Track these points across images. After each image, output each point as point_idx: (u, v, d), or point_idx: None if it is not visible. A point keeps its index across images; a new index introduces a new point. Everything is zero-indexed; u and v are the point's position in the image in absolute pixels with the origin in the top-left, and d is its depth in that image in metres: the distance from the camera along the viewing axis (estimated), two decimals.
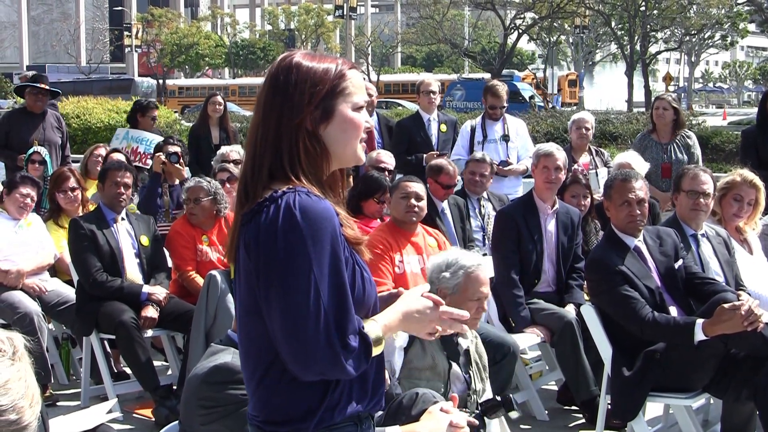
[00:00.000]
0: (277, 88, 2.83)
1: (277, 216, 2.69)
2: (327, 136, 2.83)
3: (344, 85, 2.85)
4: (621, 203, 5.86)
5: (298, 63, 2.84)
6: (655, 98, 10.15)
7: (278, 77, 2.84)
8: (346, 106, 2.84)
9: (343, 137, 2.85)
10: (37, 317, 7.19)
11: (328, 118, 2.82)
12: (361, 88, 2.90)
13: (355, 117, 2.86)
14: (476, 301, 4.93)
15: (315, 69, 2.83)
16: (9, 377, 2.22)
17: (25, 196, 7.67)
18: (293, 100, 2.79)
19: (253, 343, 2.82)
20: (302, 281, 2.66)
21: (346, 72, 2.87)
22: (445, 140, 10.10)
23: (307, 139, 2.79)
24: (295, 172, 2.78)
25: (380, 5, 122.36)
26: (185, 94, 72.73)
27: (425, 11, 64.65)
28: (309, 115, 2.79)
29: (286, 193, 2.72)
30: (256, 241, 2.72)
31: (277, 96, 2.81)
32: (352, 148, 2.88)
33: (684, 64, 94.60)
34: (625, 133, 26.34)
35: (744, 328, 5.09)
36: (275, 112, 2.81)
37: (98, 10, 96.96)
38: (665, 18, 57.77)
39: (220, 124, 11.40)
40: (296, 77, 2.81)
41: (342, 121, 2.84)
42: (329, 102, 2.82)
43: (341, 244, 2.75)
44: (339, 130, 2.84)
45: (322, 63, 2.85)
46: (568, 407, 7.11)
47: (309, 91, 2.80)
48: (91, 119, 27.95)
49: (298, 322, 2.65)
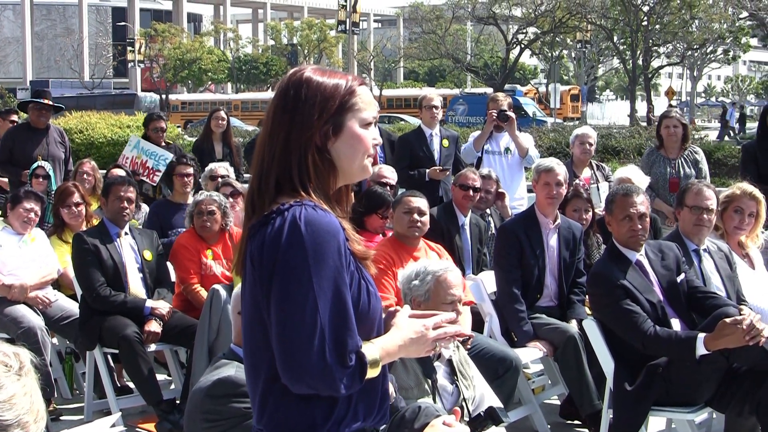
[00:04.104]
0: (287, 103, 2.84)
1: (282, 229, 2.70)
2: (335, 152, 2.84)
3: (354, 101, 2.86)
4: (622, 218, 5.87)
5: (308, 78, 2.85)
6: (661, 115, 10.14)
7: (288, 92, 2.85)
8: (355, 123, 2.86)
9: (350, 153, 2.87)
10: (40, 332, 7.20)
11: (337, 133, 2.84)
12: (370, 104, 2.91)
13: (364, 134, 2.88)
14: (449, 304, 4.97)
15: (325, 85, 2.84)
16: (15, 392, 2.23)
17: (29, 210, 7.68)
18: (303, 116, 2.81)
19: (256, 355, 2.83)
20: (301, 294, 2.67)
21: (356, 88, 2.88)
22: (447, 155, 10.11)
23: (316, 154, 2.81)
24: (303, 186, 2.79)
25: (382, 20, 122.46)
26: (188, 109, 72.73)
27: (427, 26, 64.70)
28: (318, 131, 2.81)
29: (292, 207, 2.73)
30: (261, 252, 2.73)
31: (287, 111, 2.83)
32: (360, 164, 2.90)
33: (686, 79, 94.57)
34: (628, 147, 26.31)
35: (746, 342, 5.10)
36: (284, 126, 2.82)
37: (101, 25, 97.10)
38: (667, 32, 57.76)
39: (224, 138, 11.43)
40: (306, 92, 2.83)
41: (350, 137, 2.85)
42: (339, 118, 2.84)
43: (346, 258, 2.76)
44: (347, 146, 2.85)
45: (332, 78, 2.87)
46: (570, 421, 7.12)
47: (319, 106, 2.81)
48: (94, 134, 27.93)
49: (292, 334, 2.66)
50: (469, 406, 4.99)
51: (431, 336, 2.93)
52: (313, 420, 2.78)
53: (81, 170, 9.53)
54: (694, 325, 5.73)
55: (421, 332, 2.92)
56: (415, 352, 2.97)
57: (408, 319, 2.95)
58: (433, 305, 4.96)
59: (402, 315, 2.97)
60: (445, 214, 8.00)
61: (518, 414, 6.64)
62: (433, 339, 2.94)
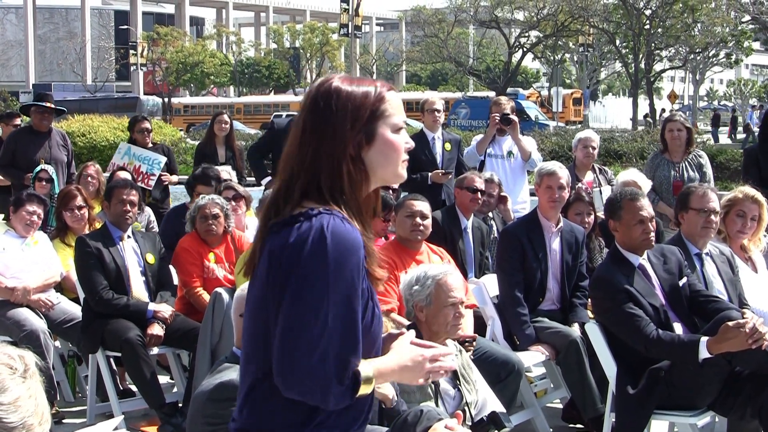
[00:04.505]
0: (317, 114, 2.83)
1: (308, 234, 2.71)
2: (369, 160, 2.85)
3: (384, 107, 2.87)
4: (635, 222, 5.85)
5: (337, 88, 2.85)
6: (665, 119, 10.13)
7: (318, 103, 2.84)
8: (387, 129, 2.86)
9: (384, 160, 2.87)
10: (43, 335, 7.20)
11: (369, 141, 2.84)
12: (399, 109, 2.91)
13: (396, 139, 2.88)
14: (451, 306, 4.98)
15: (355, 94, 2.84)
16: (19, 394, 2.23)
17: (32, 213, 7.68)
18: (335, 127, 2.81)
19: (252, 350, 2.84)
20: (315, 302, 2.68)
21: (385, 94, 2.88)
22: (450, 159, 10.10)
23: (350, 164, 2.81)
24: (333, 197, 2.79)
25: (385, 24, 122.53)
26: (190, 113, 72.83)
27: (430, 30, 64.74)
28: (352, 141, 2.81)
29: (321, 214, 2.74)
30: (282, 251, 2.74)
31: (318, 122, 2.82)
32: (394, 169, 2.90)
33: (689, 82, 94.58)
34: (630, 151, 26.31)
35: (748, 346, 5.10)
36: (316, 137, 2.82)
37: (104, 28, 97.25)
38: (670, 36, 57.76)
39: (226, 142, 11.43)
40: (336, 103, 2.82)
41: (383, 143, 2.86)
42: (370, 126, 2.84)
43: (362, 277, 2.77)
44: (380, 153, 2.86)
45: (361, 86, 2.87)
46: (572, 425, 7.12)
47: (351, 117, 2.81)
48: (96, 137, 27.97)
49: (297, 340, 2.68)
50: (472, 410, 4.99)
51: (427, 367, 2.94)
52: (294, 421, 2.79)
53: (85, 173, 9.53)
54: (696, 329, 5.72)
55: (418, 361, 2.93)
56: (408, 378, 2.97)
57: (408, 346, 2.95)
58: (435, 309, 4.98)
59: (403, 340, 2.98)
60: (448, 217, 8.00)
61: (520, 418, 6.63)
62: (428, 370, 2.94)
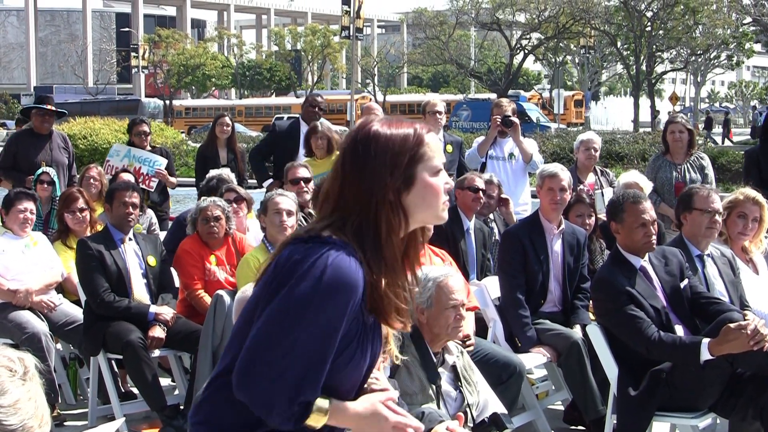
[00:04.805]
0: (356, 159, 2.82)
1: (313, 257, 2.71)
2: (408, 204, 2.82)
3: (423, 151, 2.84)
4: (637, 225, 5.85)
5: (376, 133, 2.83)
6: (667, 121, 10.13)
7: (357, 148, 2.83)
8: (427, 173, 2.83)
9: (424, 204, 2.84)
10: (45, 337, 7.20)
11: (409, 186, 2.81)
12: (438, 151, 2.88)
13: (436, 182, 2.85)
14: (452, 309, 4.98)
15: (394, 139, 2.82)
16: (19, 397, 2.23)
17: (24, 210, 7.65)
18: (374, 174, 2.79)
19: (233, 341, 2.87)
20: (289, 325, 2.68)
21: (425, 137, 2.85)
22: (451, 161, 10.10)
23: (389, 209, 2.79)
24: (359, 237, 2.78)
25: (386, 26, 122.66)
26: (192, 115, 72.96)
27: (431, 32, 64.83)
28: (391, 186, 2.79)
29: (335, 244, 2.74)
30: (286, 262, 2.75)
31: (358, 167, 2.81)
32: (434, 212, 2.88)
33: (690, 84, 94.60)
34: (632, 153, 26.34)
35: (750, 347, 5.10)
36: (355, 182, 2.81)
37: (105, 31, 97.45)
38: (671, 38, 57.83)
39: (228, 144, 11.43)
40: (376, 149, 2.81)
41: (423, 187, 2.83)
42: (410, 170, 2.81)
43: (349, 319, 2.75)
44: (420, 197, 2.83)
45: (400, 129, 2.84)
46: (574, 427, 7.11)
47: (390, 162, 2.79)
48: (98, 140, 28.03)
49: (262, 349, 2.69)
50: (473, 411, 4.99)
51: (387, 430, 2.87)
52: (246, 421, 2.80)
53: (87, 175, 9.52)
54: (697, 331, 5.72)
55: (378, 421, 2.86)
56: (366, 429, 2.92)
57: (377, 403, 2.89)
58: (436, 311, 4.99)
59: (380, 396, 2.92)
60: (450, 219, 7.95)
61: (522, 419, 6.63)
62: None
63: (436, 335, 5.02)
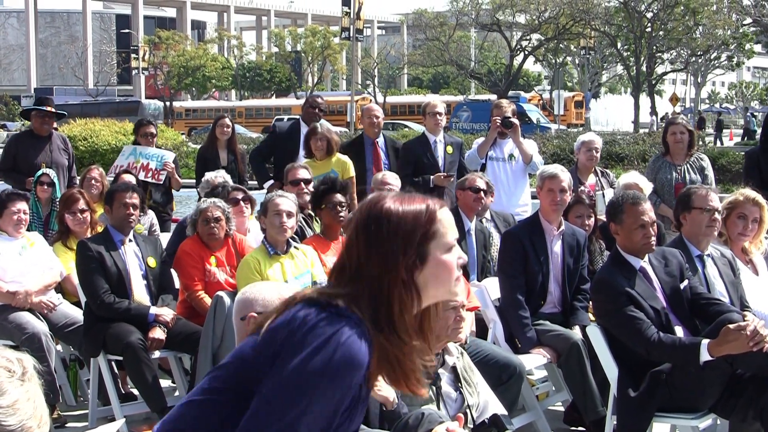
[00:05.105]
0: (369, 239, 2.79)
1: (326, 333, 2.66)
2: (421, 281, 2.79)
3: (435, 228, 2.81)
4: (636, 227, 5.85)
5: (388, 211, 2.80)
6: (667, 123, 10.13)
7: (369, 226, 2.80)
8: (439, 250, 2.81)
9: (437, 281, 2.81)
10: (45, 338, 7.20)
11: (422, 264, 2.78)
12: (451, 227, 2.85)
13: (449, 260, 2.82)
14: (452, 310, 4.97)
15: (406, 217, 2.79)
16: (18, 397, 2.24)
17: (18, 211, 7.64)
18: (386, 253, 2.76)
19: (226, 371, 2.83)
20: (297, 397, 2.65)
21: (438, 213, 2.83)
22: (452, 162, 10.11)
23: (402, 288, 2.76)
24: (375, 319, 2.74)
25: (386, 27, 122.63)
26: (192, 116, 72.99)
27: (431, 33, 64.88)
28: (403, 265, 2.76)
29: (349, 321, 2.69)
30: (285, 327, 2.71)
31: (369, 246, 2.78)
32: (448, 288, 2.85)
33: (690, 85, 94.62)
34: (632, 154, 26.35)
35: (750, 348, 5.10)
36: (367, 260, 2.78)
37: (105, 32, 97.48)
38: (671, 39, 57.87)
39: (228, 146, 11.43)
40: (388, 228, 2.78)
41: (436, 265, 2.80)
42: (423, 248, 2.78)
43: (350, 396, 2.73)
44: (433, 275, 2.80)
45: (412, 206, 2.82)
46: (574, 428, 7.11)
47: (403, 241, 2.76)
48: (98, 141, 28.04)
49: (264, 418, 2.65)
50: (473, 412, 4.99)
51: None
52: None
53: (89, 176, 9.52)
54: (697, 332, 5.73)
55: None
56: None
57: None
58: None
59: None
60: None
61: (522, 420, 6.63)
62: None
63: (435, 337, 5.01)
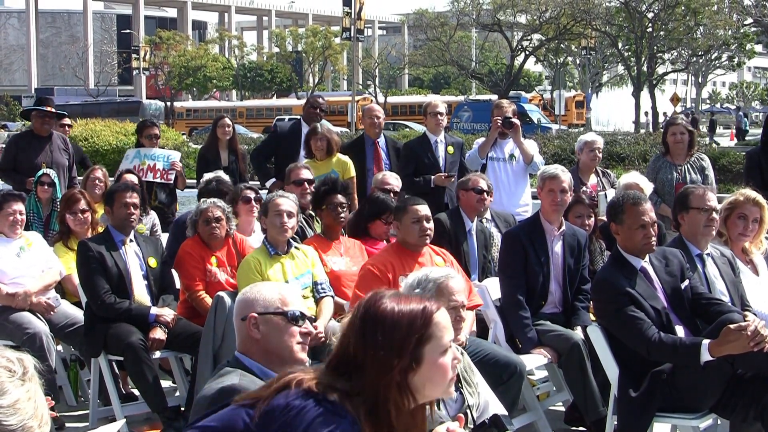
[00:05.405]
0: (364, 340, 2.78)
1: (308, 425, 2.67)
2: (416, 383, 2.79)
3: (431, 331, 2.81)
4: (636, 227, 5.85)
5: (383, 313, 2.79)
6: (667, 123, 10.14)
7: (365, 328, 2.79)
8: (435, 353, 2.81)
9: (431, 383, 2.82)
10: (46, 337, 7.20)
11: (417, 366, 2.78)
12: (447, 329, 2.85)
13: (444, 362, 2.83)
14: (452, 310, 4.96)
15: (401, 320, 2.78)
16: (18, 397, 2.24)
17: (14, 212, 7.64)
18: (382, 356, 2.75)
19: None
20: None
21: (434, 315, 2.83)
22: (453, 162, 10.11)
23: (397, 391, 2.76)
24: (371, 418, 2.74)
25: (387, 27, 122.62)
26: (193, 117, 72.98)
27: (432, 33, 64.85)
28: (397, 368, 2.75)
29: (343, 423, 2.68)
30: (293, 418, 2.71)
31: (365, 348, 2.78)
32: (441, 389, 2.85)
33: (691, 85, 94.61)
34: (633, 154, 26.33)
35: (750, 348, 5.09)
36: (363, 360, 2.77)
37: (106, 32, 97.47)
38: (672, 39, 57.84)
39: (229, 146, 11.42)
40: (383, 331, 2.77)
41: (431, 368, 2.80)
42: (417, 352, 2.78)
43: None
44: (428, 377, 2.80)
45: (408, 308, 2.81)
46: (575, 428, 7.11)
47: (397, 345, 2.76)
48: (99, 142, 28.06)
49: None
50: (473, 413, 4.98)
51: None
52: None
53: (92, 176, 9.50)
54: (698, 332, 5.73)
55: None
56: None
57: None
58: None
59: None
60: (452, 220, 7.96)
61: (523, 420, 6.63)
62: None
63: None
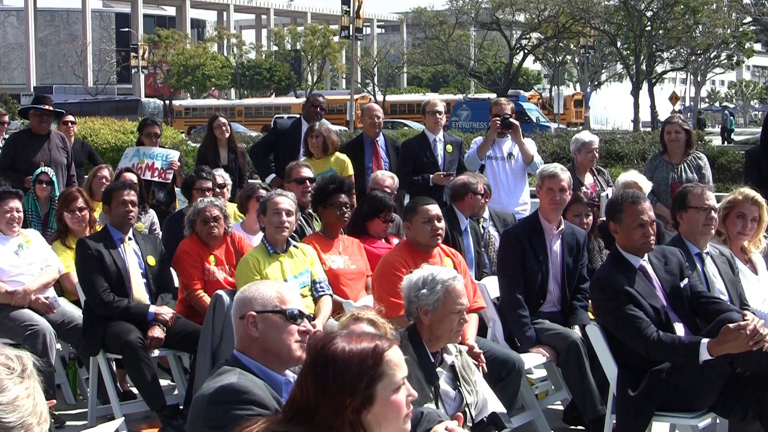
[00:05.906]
0: (316, 381, 2.81)
1: None
2: (369, 421, 2.80)
3: (381, 370, 2.82)
4: (635, 226, 5.85)
5: (333, 355, 2.81)
6: (664, 122, 10.15)
7: (317, 370, 2.82)
8: (387, 391, 2.82)
9: (385, 421, 2.82)
10: (48, 334, 7.19)
11: (369, 405, 2.79)
12: (399, 366, 2.86)
13: (397, 399, 2.84)
14: (457, 313, 4.97)
15: (351, 361, 2.80)
16: (18, 394, 2.24)
17: (11, 210, 7.64)
18: (333, 397, 2.78)
19: None
20: None
21: (385, 354, 2.84)
22: (451, 160, 10.12)
23: (350, 429, 2.78)
24: None
25: (386, 26, 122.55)
26: (192, 115, 72.96)
27: (431, 32, 64.83)
28: (350, 407, 2.77)
29: None
30: None
31: (317, 390, 2.80)
32: (396, 427, 2.85)
33: (690, 84, 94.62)
34: (631, 152, 26.33)
35: (749, 347, 5.10)
36: (316, 401, 2.80)
37: (105, 31, 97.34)
38: (671, 38, 57.85)
39: (228, 144, 11.41)
40: (334, 372, 2.79)
41: (383, 406, 2.81)
42: (369, 391, 2.79)
43: None
44: (381, 415, 2.81)
45: (359, 347, 2.83)
46: (573, 427, 7.11)
47: (349, 385, 2.78)
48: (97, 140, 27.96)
49: None
50: (472, 411, 4.98)
51: None
52: None
53: (99, 175, 9.47)
54: (697, 330, 5.72)
55: None
56: None
57: None
58: (441, 314, 4.94)
59: None
60: (448, 218, 7.96)
61: (521, 419, 6.63)
62: None
63: (437, 337, 5.01)
